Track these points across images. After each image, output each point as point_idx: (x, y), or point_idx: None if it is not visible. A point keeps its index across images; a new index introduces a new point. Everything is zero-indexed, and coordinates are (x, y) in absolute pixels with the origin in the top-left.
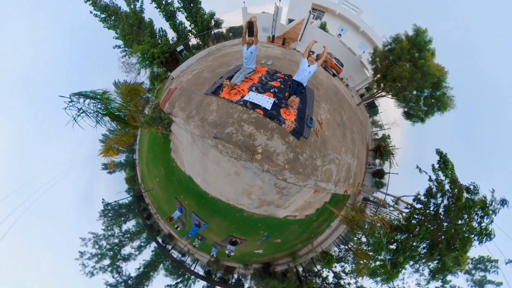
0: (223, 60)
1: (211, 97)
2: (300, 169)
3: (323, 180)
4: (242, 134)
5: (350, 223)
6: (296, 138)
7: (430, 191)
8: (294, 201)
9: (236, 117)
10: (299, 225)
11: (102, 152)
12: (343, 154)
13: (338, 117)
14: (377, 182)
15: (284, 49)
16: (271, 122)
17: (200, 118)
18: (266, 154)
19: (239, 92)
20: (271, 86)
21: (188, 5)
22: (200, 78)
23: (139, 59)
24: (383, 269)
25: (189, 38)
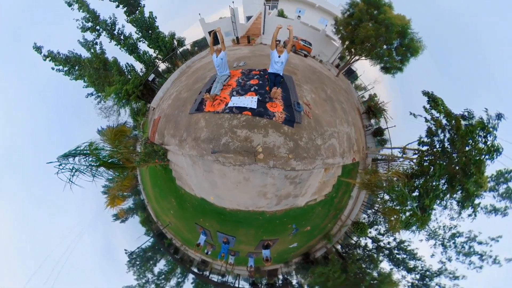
0: (196, 75)
1: (197, 115)
2: (304, 154)
3: (329, 156)
4: (238, 140)
5: (368, 187)
6: (290, 126)
7: (430, 130)
8: (310, 186)
9: (226, 126)
10: (322, 206)
11: (108, 203)
12: (339, 126)
13: (322, 93)
14: (379, 140)
15: (251, 47)
16: (261, 119)
17: (192, 139)
18: (268, 151)
19: (222, 101)
20: (250, 85)
21: (146, 33)
22: (180, 99)
23: (114, 100)
24: (415, 217)
25: (157, 64)
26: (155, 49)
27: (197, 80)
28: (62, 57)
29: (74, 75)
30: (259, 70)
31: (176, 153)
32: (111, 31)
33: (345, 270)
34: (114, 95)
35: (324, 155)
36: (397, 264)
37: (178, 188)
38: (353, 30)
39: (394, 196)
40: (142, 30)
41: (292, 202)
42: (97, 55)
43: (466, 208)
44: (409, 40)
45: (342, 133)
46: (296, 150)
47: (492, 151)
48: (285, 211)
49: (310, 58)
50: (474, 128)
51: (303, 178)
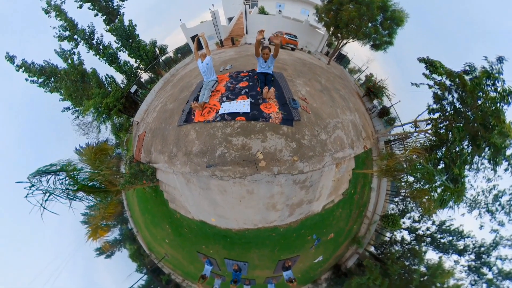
0: (182, 84)
1: (186, 126)
2: (310, 152)
3: (338, 150)
4: (234, 149)
5: (388, 173)
6: (289, 125)
7: (436, 96)
8: (323, 187)
9: (220, 135)
10: (342, 207)
11: (90, 235)
12: (342, 115)
13: (317, 84)
14: (387, 120)
15: (236, 48)
16: (257, 123)
17: (184, 153)
18: (269, 157)
19: (212, 109)
20: (240, 88)
21: (127, 42)
22: (166, 111)
23: (94, 115)
24: (448, 192)
25: (139, 75)
26: (136, 58)
27: (183, 89)
28: (36, 67)
29: (50, 87)
30: (247, 71)
31: (167, 171)
32: (89, 41)
33: (387, 274)
34: (93, 110)
35: (332, 150)
36: (445, 250)
37: (172, 212)
38: (335, 15)
39: (419, 176)
40: (122, 39)
41: (307, 209)
42: (74, 66)
43: (499, 164)
44: (392, 12)
45: (347, 121)
46: (300, 150)
47: (505, 96)
48: (301, 221)
49: (298, 50)
50: (479, 79)
51: (314, 180)
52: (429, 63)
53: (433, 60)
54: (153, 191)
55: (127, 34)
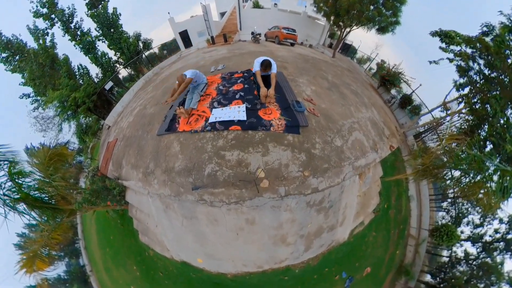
0: (166, 85)
1: (168, 137)
2: (324, 164)
3: (359, 156)
4: (228, 166)
5: (426, 173)
6: (295, 133)
7: (460, 68)
8: (347, 206)
9: (210, 149)
10: (375, 229)
11: (24, 265)
12: (357, 113)
13: (323, 81)
14: (411, 110)
15: (229, 45)
16: (255, 133)
17: (163, 170)
18: (273, 174)
19: (201, 116)
20: (234, 92)
21: (107, 32)
22: (145, 116)
23: (57, 109)
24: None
25: (117, 70)
26: (116, 51)
27: (167, 91)
28: (3, 39)
29: (12, 66)
30: (242, 72)
31: (140, 192)
32: (67, 24)
33: None
34: (57, 103)
35: (351, 157)
36: None
37: (143, 248)
38: (334, 3)
39: (465, 167)
40: (103, 27)
41: (329, 238)
42: (45, 47)
43: None
44: None
45: (364, 120)
46: (312, 163)
47: None
48: (323, 256)
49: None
50: (501, 37)
51: (334, 199)
52: (443, 35)
53: (447, 31)
54: (119, 217)
55: (110, 23)
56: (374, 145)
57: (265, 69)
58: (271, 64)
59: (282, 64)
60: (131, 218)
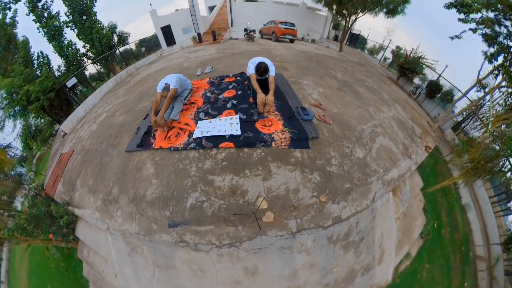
0: (142, 89)
1: (140, 154)
2: (345, 184)
3: (388, 167)
4: (218, 196)
5: (478, 170)
6: (303, 148)
7: (487, 36)
8: (383, 236)
9: (194, 172)
10: (428, 259)
11: None
12: (377, 114)
13: (332, 81)
14: (441, 98)
15: (219, 44)
16: (253, 150)
17: (130, 199)
18: (280, 204)
19: (183, 130)
20: (225, 100)
21: (79, 18)
22: (112, 126)
23: (2, 101)
24: None
25: (84, 65)
26: (85, 42)
27: (143, 96)
28: None
29: None
30: (234, 75)
31: (96, 226)
32: (34, 1)
33: None
34: (4, 93)
35: (379, 170)
36: None
37: None
38: None
39: None
40: (75, 12)
41: (367, 284)
42: (4, 24)
43: None
44: None
45: (387, 121)
46: (329, 184)
47: None
48: None
49: (298, 41)
50: None
51: (365, 228)
52: (460, 5)
53: (462, 0)
54: (63, 258)
55: (83, 9)
56: (405, 150)
57: (261, 75)
58: (267, 69)
59: (281, 64)
60: (80, 261)
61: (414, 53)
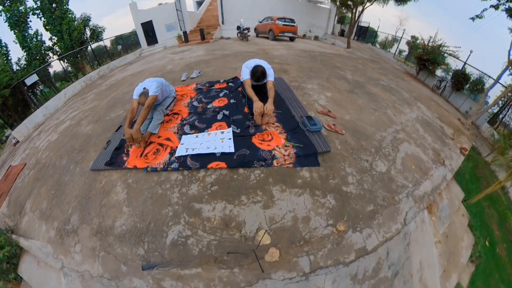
0: (115, 94)
1: (109, 174)
2: (367, 206)
3: (418, 179)
4: (208, 229)
5: None
6: (312, 165)
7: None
8: (423, 267)
9: (176, 199)
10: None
11: None
12: (398, 117)
13: (341, 82)
14: (471, 88)
15: (208, 44)
16: (250, 171)
17: (94, 230)
18: (286, 238)
19: (163, 147)
20: (215, 110)
21: (48, 6)
22: (77, 137)
23: None
24: None
25: (49, 60)
26: (53, 34)
27: (116, 103)
28: None
29: None
30: (226, 81)
31: (47, 263)
32: None
33: None
34: None
35: (407, 184)
36: None
37: None
38: None
39: None
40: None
41: None
42: None
43: None
44: None
45: (411, 123)
46: (347, 208)
47: None
48: None
49: (299, 39)
50: None
51: (398, 259)
52: None
53: None
54: None
55: None
56: (437, 156)
57: (257, 80)
58: (265, 73)
59: (281, 66)
60: None
61: (432, 42)
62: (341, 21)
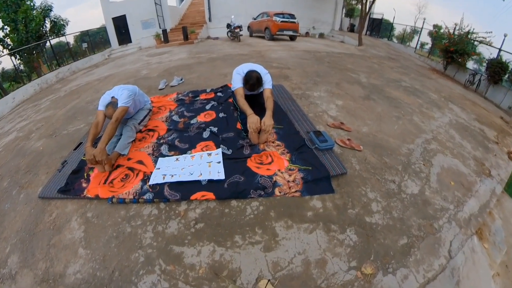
0: (76, 102)
1: (62, 204)
2: (399, 239)
3: (461, 198)
4: (190, 280)
5: None
6: (325, 192)
7: None
8: None
9: (149, 240)
10: None
11: None
12: (426, 123)
13: (354, 87)
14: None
15: (192, 46)
16: (245, 204)
17: (38, 278)
18: None
19: (134, 172)
20: (200, 126)
21: None
22: (24, 153)
23: None
24: None
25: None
26: (5, 23)
27: (76, 114)
28: None
29: None
30: (214, 90)
31: None
32: None
33: None
34: None
35: (447, 205)
36: None
37: None
38: None
39: None
40: None
41: None
42: None
43: None
44: None
45: (443, 130)
46: (373, 244)
47: None
48: None
49: (301, 38)
50: None
51: None
52: None
53: None
54: None
55: None
56: (480, 166)
57: (252, 88)
58: (261, 80)
59: (280, 71)
60: None
61: (458, 30)
62: (350, 14)
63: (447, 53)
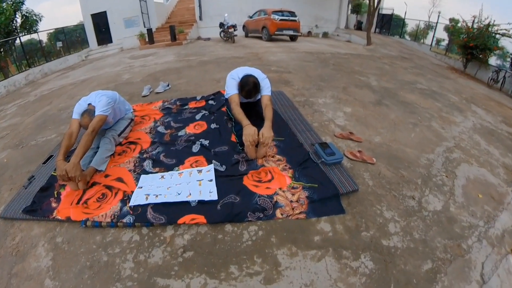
0: (47, 109)
1: (28, 227)
2: (422, 263)
3: (491, 213)
4: None
5: None
6: (334, 212)
7: None
8: None
9: (129, 271)
10: None
11: None
12: (447, 129)
13: (364, 92)
14: None
15: (180, 48)
16: (242, 228)
17: None
18: None
19: (112, 190)
20: (188, 139)
21: None
22: None
23: None
24: None
25: None
26: None
27: (47, 122)
28: None
29: None
30: (205, 97)
31: None
32: None
33: None
34: None
35: (476, 222)
36: None
37: None
38: None
39: None
40: None
41: None
42: None
43: None
44: None
45: (466, 135)
46: (392, 271)
47: None
48: None
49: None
50: None
51: None
52: None
53: None
54: None
55: None
56: (511, 174)
57: (248, 95)
58: (258, 85)
59: (280, 76)
60: None
61: (478, 23)
62: (356, 10)
63: (466, 49)
